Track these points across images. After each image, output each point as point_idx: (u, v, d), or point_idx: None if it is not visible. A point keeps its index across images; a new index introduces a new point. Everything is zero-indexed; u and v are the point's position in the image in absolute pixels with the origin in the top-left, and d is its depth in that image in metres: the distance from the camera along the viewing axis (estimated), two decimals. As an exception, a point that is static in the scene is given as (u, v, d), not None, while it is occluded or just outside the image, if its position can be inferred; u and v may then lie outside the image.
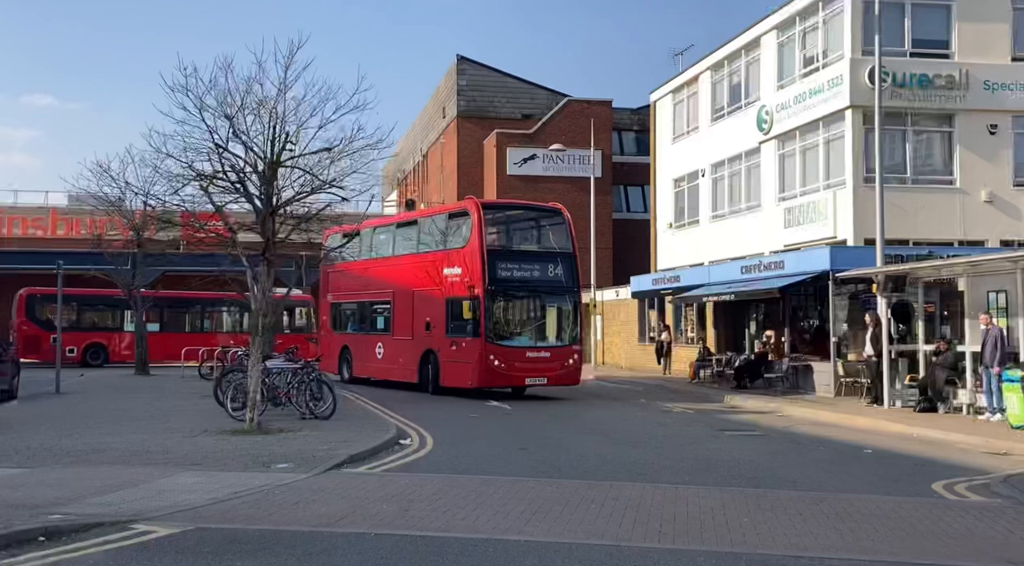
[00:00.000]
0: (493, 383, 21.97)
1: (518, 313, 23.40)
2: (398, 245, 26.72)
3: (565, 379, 22.78)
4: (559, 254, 23.52)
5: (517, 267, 22.73)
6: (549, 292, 23.20)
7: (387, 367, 25.82)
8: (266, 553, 7.30)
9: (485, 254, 21.74)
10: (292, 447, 12.94)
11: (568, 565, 7.04)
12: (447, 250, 23.46)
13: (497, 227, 24.51)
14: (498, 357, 21.52)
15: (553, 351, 22.68)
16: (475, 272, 21.69)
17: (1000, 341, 16.87)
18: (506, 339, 22.17)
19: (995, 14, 25.66)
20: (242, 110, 15.33)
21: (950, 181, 25.41)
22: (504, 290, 22.32)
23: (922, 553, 7.60)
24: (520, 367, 21.89)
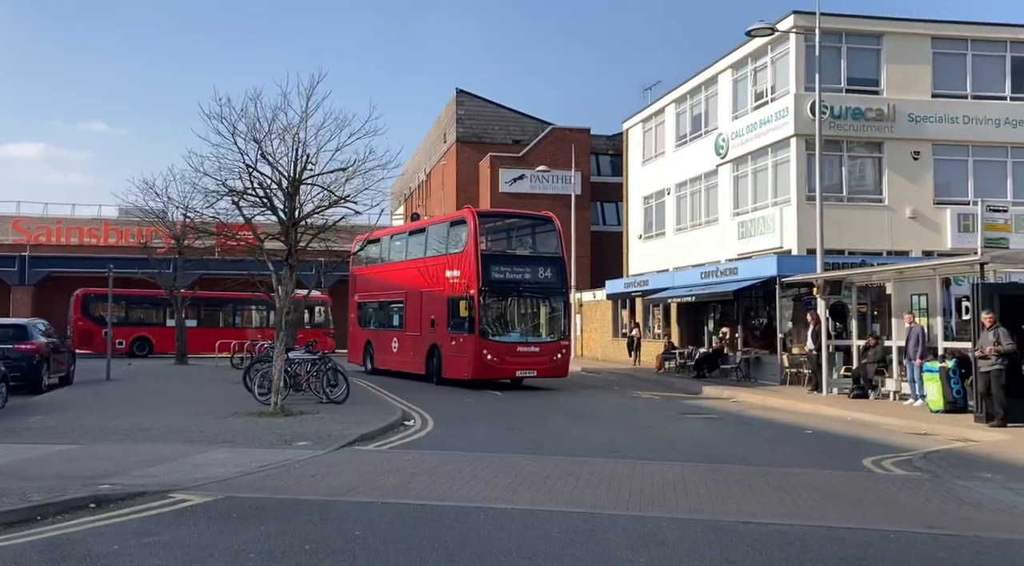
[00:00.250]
0: (487, 375, 21.17)
1: (510, 311, 22.39)
2: (410, 250, 25.99)
3: (554, 371, 22.09)
4: (549, 258, 22.65)
5: (510, 270, 21.78)
6: (539, 292, 22.25)
7: (401, 360, 25.13)
8: (287, 519, 7.27)
9: (479, 258, 21.06)
10: (311, 427, 12.88)
11: (549, 529, 7.02)
12: (448, 254, 22.68)
13: (492, 233, 23.76)
14: (491, 351, 20.85)
15: (542, 346, 21.87)
16: (470, 274, 20.99)
17: (922, 337, 16.92)
18: (498, 335, 21.40)
19: (918, 57, 25.74)
20: (269, 135, 15.29)
21: (880, 200, 25.44)
22: (497, 290, 21.40)
23: (854, 519, 7.60)
24: (511, 361, 21.23)
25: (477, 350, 20.77)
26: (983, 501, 8.54)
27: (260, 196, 15.30)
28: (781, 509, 7.97)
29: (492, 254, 22.03)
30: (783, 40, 25.04)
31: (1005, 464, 10.72)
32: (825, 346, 20.01)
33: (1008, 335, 13.58)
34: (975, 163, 25.91)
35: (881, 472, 10.43)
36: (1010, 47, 26.29)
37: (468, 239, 21.54)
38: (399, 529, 6.98)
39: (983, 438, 13.09)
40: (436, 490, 8.55)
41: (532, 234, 24.17)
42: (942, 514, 7.94)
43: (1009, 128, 25.79)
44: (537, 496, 8.35)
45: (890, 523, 7.47)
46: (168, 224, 30.04)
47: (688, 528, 7.16)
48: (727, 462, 10.86)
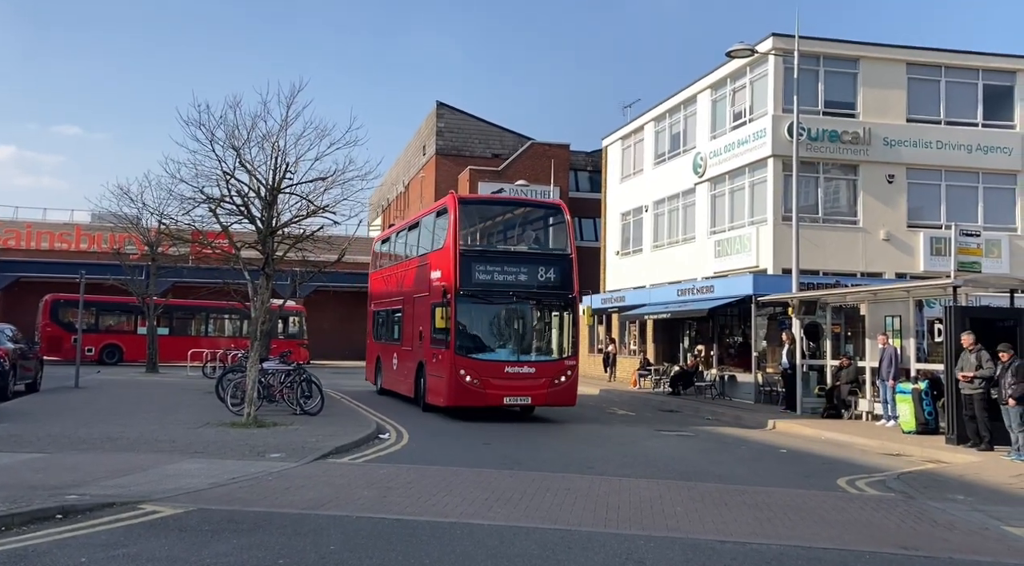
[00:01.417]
0: (465, 402, 16.92)
1: (496, 321, 18.01)
2: (408, 248, 22.31)
3: (555, 399, 17.46)
4: (554, 256, 18.36)
5: (499, 270, 17.49)
6: (538, 298, 17.74)
7: (397, 379, 21.47)
8: (260, 532, 7.14)
9: (458, 255, 17.12)
10: (284, 439, 12.72)
11: (526, 546, 6.96)
12: (433, 251, 18.97)
13: (478, 225, 19.75)
14: (470, 372, 16.72)
15: (539, 366, 17.38)
16: (448, 275, 17.17)
17: (895, 358, 17.07)
18: (481, 351, 17.26)
19: (893, 82, 26.14)
20: (247, 143, 15.17)
21: (854, 221, 25.73)
22: (478, 294, 17.14)
23: (830, 539, 7.61)
24: (497, 384, 16.85)
25: (453, 370, 16.75)
26: (956, 522, 8.59)
27: (238, 204, 15.16)
28: (758, 528, 7.96)
29: (476, 250, 18.03)
30: (762, 62, 25.31)
31: (976, 486, 10.82)
32: (799, 365, 20.14)
33: (989, 359, 13.71)
34: (947, 188, 26.29)
35: (855, 492, 10.46)
36: (982, 75, 26.78)
37: (448, 232, 17.68)
38: (374, 543, 6.88)
39: (954, 459, 13.21)
40: (412, 505, 8.45)
41: (535, 226, 20.03)
42: (916, 535, 7.97)
43: (981, 154, 26.23)
44: (514, 512, 8.29)
45: (866, 543, 7.48)
46: (142, 230, 29.69)
47: (666, 546, 7.13)
48: (703, 480, 10.84)
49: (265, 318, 15.23)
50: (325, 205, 15.13)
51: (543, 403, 17.61)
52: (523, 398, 17.21)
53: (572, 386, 17.65)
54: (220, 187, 15.26)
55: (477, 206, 19.95)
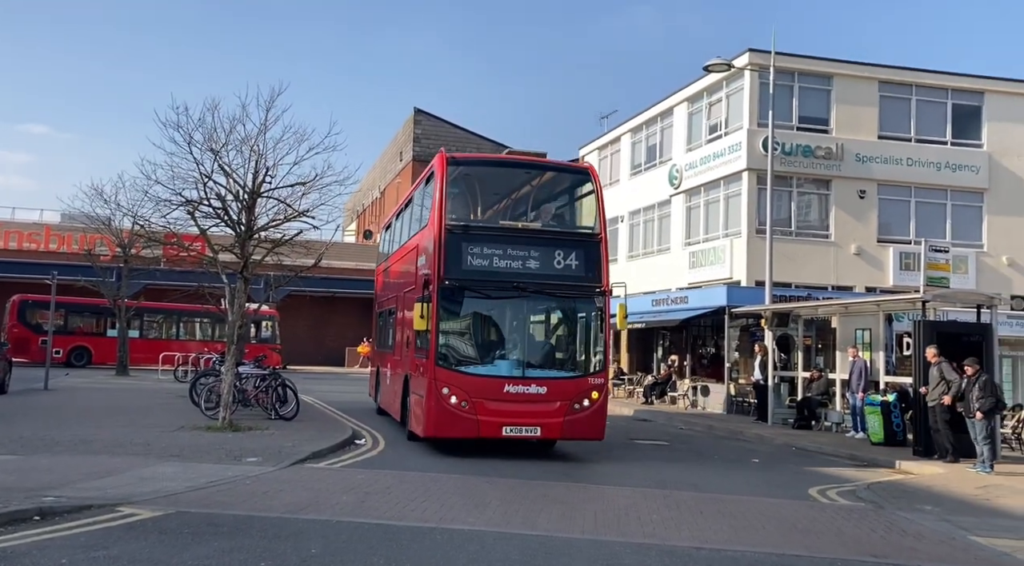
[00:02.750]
0: (448, 431, 12.54)
1: (495, 323, 13.31)
2: (402, 232, 17.64)
3: (575, 430, 12.74)
4: (577, 236, 13.56)
5: (500, 253, 12.87)
6: (553, 292, 13.08)
7: (388, 396, 17.31)
8: (241, 535, 7.16)
9: (443, 232, 12.65)
10: (260, 443, 12.69)
11: (507, 551, 7.04)
12: (421, 230, 14.50)
13: (476, 195, 14.92)
14: (457, 391, 12.31)
15: (554, 385, 12.67)
16: (432, 260, 12.81)
17: (864, 371, 17.39)
18: (472, 363, 12.73)
19: (866, 99, 26.66)
20: (226, 146, 15.14)
21: (826, 235, 26.17)
22: (471, 286, 12.61)
23: (803, 547, 7.78)
24: (494, 409, 12.34)
25: (433, 388, 12.40)
26: (924, 532, 8.80)
27: (216, 208, 15.12)
28: (733, 536, 8.11)
29: (467, 226, 13.12)
30: (738, 76, 25.70)
31: (943, 497, 11.09)
32: (771, 376, 20.42)
33: (952, 369, 14.08)
34: (917, 204, 26.84)
35: (827, 502, 10.65)
36: (951, 94, 27.41)
37: (433, 203, 13.22)
38: (356, 547, 6.93)
39: (922, 471, 13.49)
40: (391, 509, 8.50)
41: (552, 197, 15.12)
42: (886, 544, 8.16)
43: (949, 172, 26.81)
44: (493, 517, 8.36)
45: (837, 552, 7.66)
46: (114, 231, 29.40)
47: (643, 553, 7.24)
48: (678, 488, 10.98)
49: (242, 322, 15.17)
50: (305, 210, 15.11)
51: (558, 436, 12.77)
52: (530, 428, 12.49)
53: (599, 413, 12.81)
54: (198, 189, 15.22)
55: (473, 169, 14.46)
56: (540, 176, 14.74)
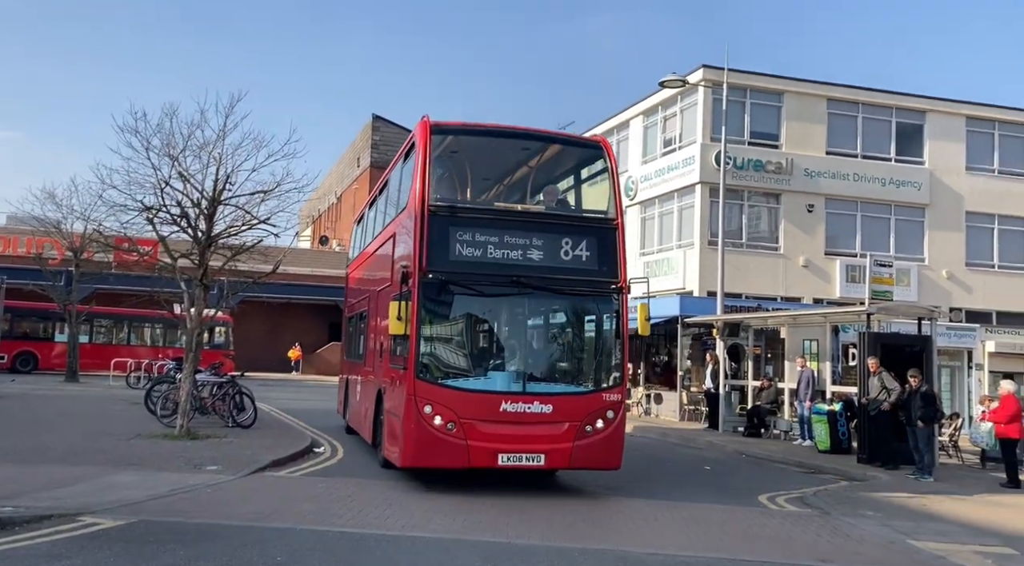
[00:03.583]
0: (432, 460, 10.16)
1: (487, 326, 11.15)
2: (377, 221, 15.08)
3: (586, 456, 10.41)
4: (588, 221, 11.36)
5: (496, 241, 10.55)
6: (560, 288, 10.79)
7: (358, 413, 14.98)
8: (206, 543, 7.22)
9: (425, 214, 10.34)
10: (220, 451, 12.65)
11: (469, 558, 7.21)
12: (399, 214, 12.06)
13: (462, 170, 12.61)
14: (441, 410, 10.01)
15: (561, 402, 10.40)
16: (412, 248, 10.43)
17: (812, 380, 17.92)
18: (460, 375, 10.44)
19: (815, 116, 27.46)
20: (184, 152, 15.08)
21: (776, 248, 26.85)
22: (458, 281, 10.33)
23: (754, 552, 8.09)
24: (488, 432, 10.07)
25: (412, 406, 10.05)
26: (866, 537, 9.19)
27: (174, 214, 15.03)
28: (686, 541, 8.40)
29: (454, 208, 10.90)
30: (692, 92, 26.27)
31: (884, 503, 11.55)
32: (722, 385, 20.89)
33: (892, 378, 14.66)
34: (862, 218, 27.71)
35: (776, 508, 11.00)
36: (896, 113, 28.37)
37: (414, 180, 10.80)
38: (320, 555, 7.04)
39: (866, 477, 13.99)
40: (354, 517, 8.61)
41: (559, 176, 12.69)
42: (832, 549, 8.52)
43: (893, 188, 27.73)
44: (453, 524, 8.54)
45: (786, 557, 8.00)
46: (65, 235, 28.87)
47: (600, 558, 7.47)
48: (632, 495, 11.21)
49: (201, 329, 15.10)
50: (266, 218, 15.11)
51: (566, 464, 10.43)
52: (533, 456, 10.17)
53: (614, 437, 10.56)
54: (157, 196, 15.12)
55: (463, 139, 11.89)
56: (544, 150, 12.34)
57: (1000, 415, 14.24)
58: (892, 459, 14.77)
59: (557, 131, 12.64)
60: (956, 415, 18.37)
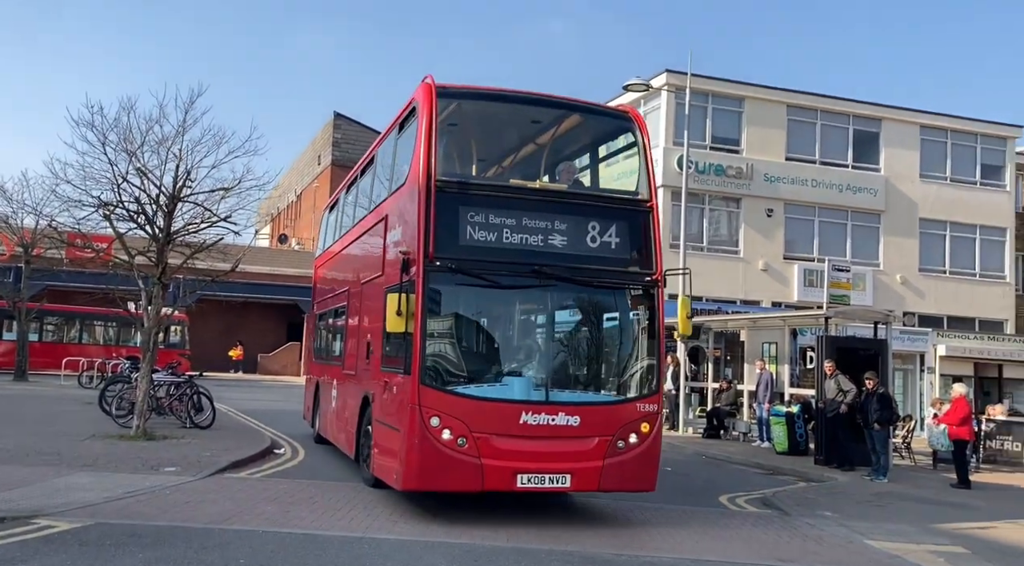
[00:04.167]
0: (440, 483, 8.72)
1: (503, 324, 9.84)
2: (359, 205, 13.42)
3: (617, 479, 9.09)
4: (617, 202, 9.94)
5: (512, 224, 9.10)
6: (587, 280, 9.39)
7: (334, 422, 13.46)
8: (166, 546, 7.10)
9: (432, 191, 8.84)
10: (178, 453, 12.45)
11: (434, 560, 7.20)
12: (392, 194, 10.55)
13: (467, 142, 11.38)
14: (451, 422, 8.56)
15: (590, 413, 9.02)
16: (414, 232, 9.00)
17: (771, 383, 18.21)
18: (471, 381, 8.99)
19: (775, 122, 27.91)
20: (142, 147, 14.81)
21: (736, 251, 27.22)
22: (469, 269, 8.84)
23: (715, 553, 8.21)
24: (506, 448, 8.65)
25: (417, 419, 8.56)
26: (824, 537, 9.37)
27: (132, 211, 14.76)
28: (650, 542, 8.49)
29: (466, 184, 9.58)
30: (655, 96, 26.53)
31: (841, 503, 11.78)
32: (683, 387, 21.12)
33: (848, 381, 14.97)
34: (820, 223, 28.23)
35: (736, 509, 11.17)
36: (853, 120, 28.97)
37: (415, 152, 9.31)
38: (283, 557, 6.97)
39: (823, 478, 14.25)
40: (317, 519, 8.54)
41: (583, 152, 11.42)
42: (791, 548, 8.67)
43: (850, 193, 28.29)
44: (418, 526, 8.51)
45: (747, 556, 8.13)
46: (15, 230, 28.15)
47: (566, 559, 7.51)
48: (596, 496, 11.28)
49: (158, 328, 14.85)
50: (226, 216, 14.90)
51: (595, 486, 9.01)
52: (557, 477, 8.75)
53: (650, 453, 9.24)
54: (114, 191, 14.83)
55: (472, 105, 10.31)
56: (563, 120, 10.73)
57: (952, 417, 14.62)
58: (848, 460, 15.06)
59: (579, 99, 10.74)
60: (909, 417, 18.83)
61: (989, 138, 30.47)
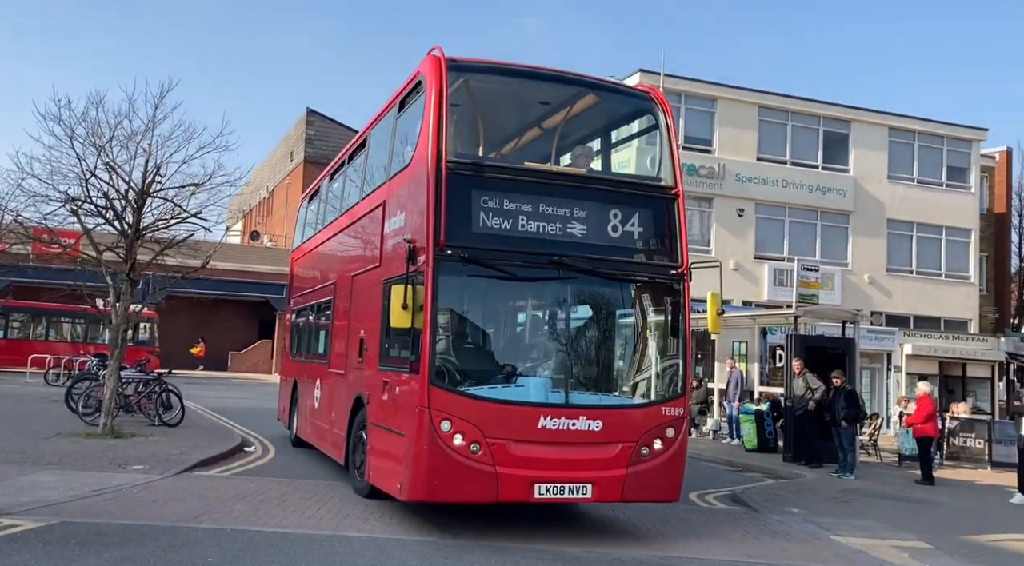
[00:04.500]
0: (453, 492, 7.93)
1: (520, 319, 9.41)
2: (348, 191, 12.61)
3: (641, 489, 8.36)
4: (640, 188, 9.33)
5: (529, 210, 8.42)
6: (610, 272, 8.73)
7: (318, 425, 12.64)
8: (132, 545, 7.03)
9: (443, 173, 8.12)
10: (146, 451, 12.31)
11: (405, 557, 7.19)
12: (392, 178, 9.75)
13: (475, 121, 10.59)
14: (463, 426, 7.82)
15: (612, 417, 8.33)
16: (421, 217, 8.27)
17: (740, 381, 18.38)
18: (485, 381, 8.26)
19: (746, 122, 28.17)
20: (110, 142, 14.63)
21: (707, 251, 27.42)
22: (484, 260, 8.10)
23: (686, 549, 8.30)
24: (523, 456, 7.92)
25: (426, 422, 7.81)
26: (791, 533, 9.48)
27: (100, 206, 14.57)
28: (619, 539, 8.54)
29: (481, 166, 8.90)
30: (629, 95, 26.61)
31: (809, 500, 11.91)
32: (654, 385, 21.22)
33: (816, 379, 15.15)
34: (790, 223, 28.55)
35: (705, 506, 11.26)
36: (823, 122, 29.32)
37: (423, 130, 8.59)
38: (252, 556, 6.92)
39: (791, 475, 14.41)
40: (287, 517, 8.49)
41: (601, 133, 10.86)
42: (759, 544, 8.77)
43: (820, 194, 28.63)
44: (389, 524, 8.49)
45: (716, 553, 8.20)
46: (-23, 225, 27.62)
47: (536, 556, 7.53)
48: (567, 494, 11.34)
49: (127, 325, 14.67)
50: (197, 212, 14.76)
51: (617, 496, 8.32)
52: (577, 487, 8.09)
53: (675, 461, 8.56)
54: (81, 186, 14.64)
55: (483, 80, 9.46)
56: (581, 99, 9.92)
57: (917, 415, 14.84)
58: (816, 457, 15.24)
59: (599, 77, 9.96)
60: (876, 415, 19.08)
61: (955, 140, 31.00)
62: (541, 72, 9.45)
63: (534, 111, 10.50)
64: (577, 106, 10.06)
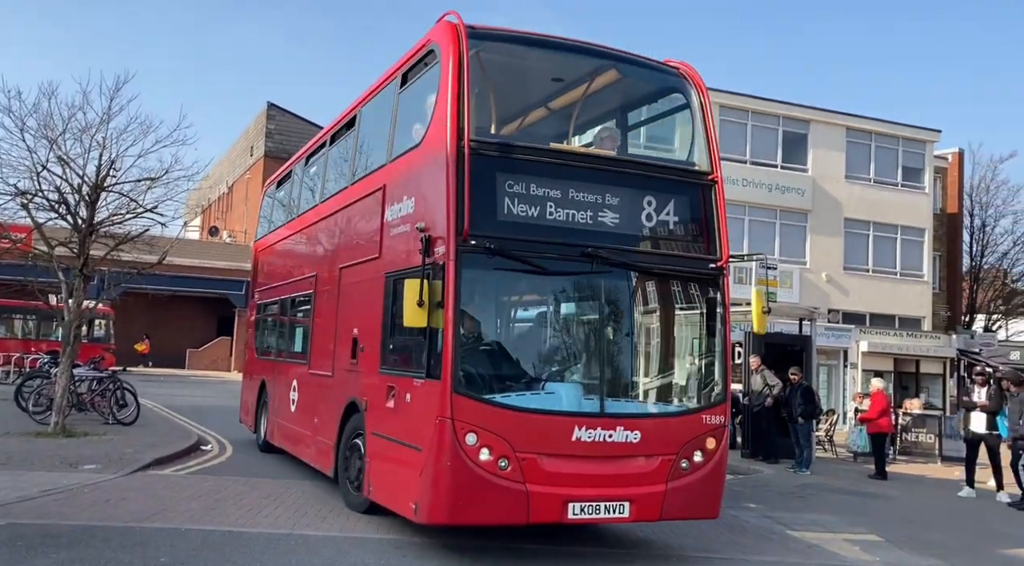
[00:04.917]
0: (479, 513, 6.96)
1: (550, 319, 8.15)
2: (330, 178, 11.49)
3: (681, 505, 7.54)
4: (676, 173, 8.23)
5: (558, 197, 7.44)
6: (646, 266, 7.86)
7: (296, 430, 11.59)
8: (82, 546, 6.89)
9: (464, 157, 7.11)
10: (98, 450, 12.07)
11: (361, 556, 7.15)
12: (395, 160, 8.68)
13: (488, 96, 9.15)
14: (490, 439, 6.85)
15: (651, 427, 7.49)
16: (439, 205, 7.24)
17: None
18: (512, 389, 7.28)
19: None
20: (63, 135, 14.34)
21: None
22: (511, 250, 7.13)
23: (641, 546, 8.36)
24: (556, 472, 7.02)
25: (448, 435, 6.82)
26: (748, 528, 9.62)
27: (53, 200, 14.26)
28: (577, 536, 8.56)
29: (508, 146, 7.77)
30: (592, 93, 26.73)
31: (766, 495, 12.11)
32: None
33: (773, 375, 15.38)
34: (750, 222, 28.89)
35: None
36: (782, 122, 29.72)
37: (439, 106, 7.58)
38: (207, 555, 6.83)
39: (749, 471, 14.61)
40: (243, 516, 8.39)
41: (630, 113, 9.95)
42: (715, 539, 8.88)
43: (779, 193, 29.02)
44: (347, 524, 8.42)
45: (673, 548, 8.30)
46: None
47: (497, 554, 7.56)
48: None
49: (80, 321, 14.38)
50: (153, 206, 14.52)
51: (656, 515, 7.51)
52: (615, 505, 7.29)
53: (715, 474, 7.82)
54: (32, 180, 14.32)
55: (503, 50, 8.46)
56: (602, 73, 8.92)
57: (872, 411, 15.13)
58: (773, 453, 15.47)
59: (626, 51, 8.78)
60: (832, 411, 19.40)
61: (910, 141, 31.63)
62: (568, 43, 8.47)
63: (553, 87, 9.46)
64: (602, 81, 9.01)
